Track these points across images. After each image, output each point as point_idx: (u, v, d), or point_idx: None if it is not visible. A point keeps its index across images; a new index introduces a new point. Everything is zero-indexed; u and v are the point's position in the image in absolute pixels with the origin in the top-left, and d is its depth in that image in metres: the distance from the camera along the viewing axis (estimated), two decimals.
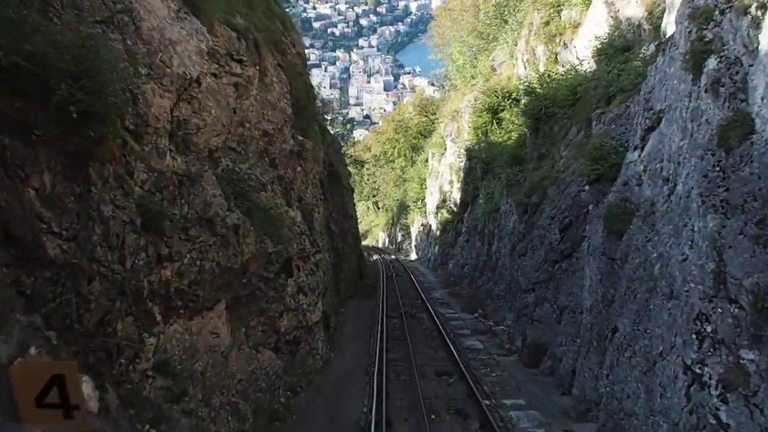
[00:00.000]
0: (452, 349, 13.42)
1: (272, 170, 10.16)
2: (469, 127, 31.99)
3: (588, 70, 18.62)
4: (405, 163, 57.85)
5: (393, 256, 46.05)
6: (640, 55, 15.48)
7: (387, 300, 21.90)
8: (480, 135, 30.51)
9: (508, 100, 29.61)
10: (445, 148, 37.37)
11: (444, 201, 37.14)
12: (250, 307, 9.05)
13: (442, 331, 15.54)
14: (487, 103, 30.27)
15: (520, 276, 16.57)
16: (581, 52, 19.72)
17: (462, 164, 33.39)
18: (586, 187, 13.58)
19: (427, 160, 46.09)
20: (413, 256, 47.58)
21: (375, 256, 45.01)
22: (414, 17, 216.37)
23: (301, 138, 11.38)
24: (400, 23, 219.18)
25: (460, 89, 37.02)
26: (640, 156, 10.76)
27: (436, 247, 36.80)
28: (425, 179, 44.01)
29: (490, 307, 20.09)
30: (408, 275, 31.24)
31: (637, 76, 13.75)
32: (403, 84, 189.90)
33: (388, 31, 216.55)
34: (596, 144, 12.90)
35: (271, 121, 10.13)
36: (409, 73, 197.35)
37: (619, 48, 16.87)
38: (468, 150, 31.87)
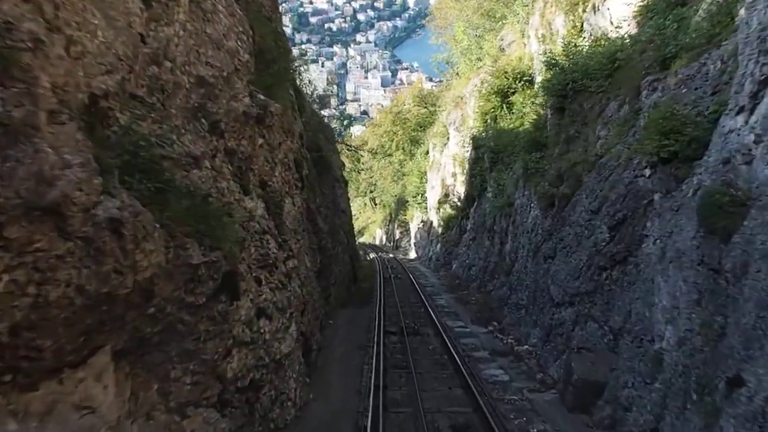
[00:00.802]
0: (470, 384, 10.04)
1: (213, 139, 6.74)
2: (476, 113, 28.57)
3: (628, 33, 15.23)
4: (403, 157, 54.40)
5: (391, 255, 42.69)
6: (703, 7, 12.09)
7: (385, 308, 18.52)
8: (488, 121, 27.11)
9: (519, 81, 26.23)
10: (448, 138, 33.97)
11: (447, 195, 33.76)
12: (168, 351, 5.66)
13: (454, 355, 12.16)
14: (496, 86, 26.86)
15: (550, 285, 13.20)
16: (617, 13, 16.31)
17: (467, 154, 29.99)
18: (647, 171, 10.19)
19: (427, 152, 42.68)
20: (412, 254, 44.21)
21: (372, 255, 41.65)
22: (412, 12, 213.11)
23: (263, 98, 7.97)
24: (397, 18, 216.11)
25: (464, 74, 33.58)
26: (748, 121, 7.37)
27: (438, 246, 33.44)
28: (425, 172, 40.62)
29: (507, 319, 16.72)
30: (408, 277, 27.85)
31: (713, 25, 10.38)
32: (401, 80, 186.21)
33: (385, 26, 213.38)
34: (663, 113, 9.49)
35: (213, 66, 6.71)
36: (406, 68, 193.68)
37: (673, 2, 13.47)
38: (474, 138, 28.47)
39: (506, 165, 25.07)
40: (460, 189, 31.62)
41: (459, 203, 31.11)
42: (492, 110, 26.76)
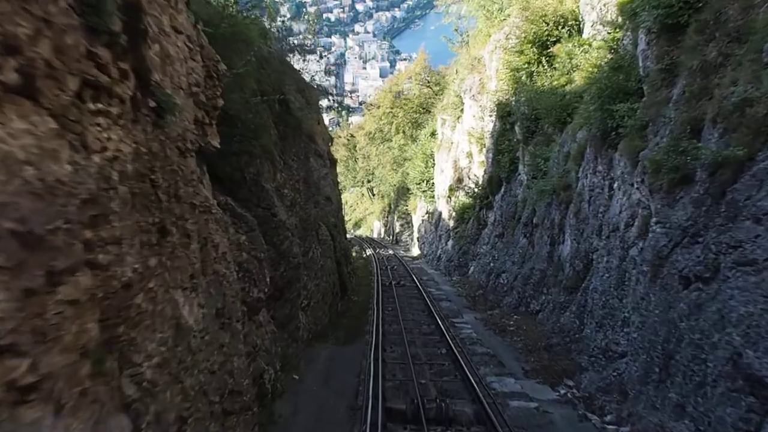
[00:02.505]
0: None
1: None
2: (501, 73, 21.46)
3: None
4: (404, 141, 47.13)
5: (390, 251, 35.66)
6: None
7: (384, 346, 11.55)
8: (520, 81, 20.03)
9: (563, 27, 19.17)
10: (462, 110, 26.84)
11: (460, 180, 26.69)
12: None
13: None
14: (531, 34, 19.77)
15: (724, 338, 6.15)
16: None
17: (488, 127, 22.91)
18: None
19: (433, 133, 35.52)
20: (415, 250, 37.17)
21: (368, 251, 34.63)
22: (411, 2, 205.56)
23: None
24: (396, 9, 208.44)
25: (482, 31, 26.34)
26: None
27: (450, 243, 26.39)
28: (432, 155, 33.50)
29: (591, 376, 9.65)
30: (413, 284, 20.85)
31: None
32: (400, 70, 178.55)
33: (384, 16, 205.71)
34: None
35: None
36: (405, 59, 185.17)
37: None
38: (499, 105, 21.37)
39: (548, 136, 18.06)
40: (478, 171, 24.56)
41: (477, 189, 24.06)
42: (525, 66, 19.68)
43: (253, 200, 9.85)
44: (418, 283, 20.59)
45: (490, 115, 22.23)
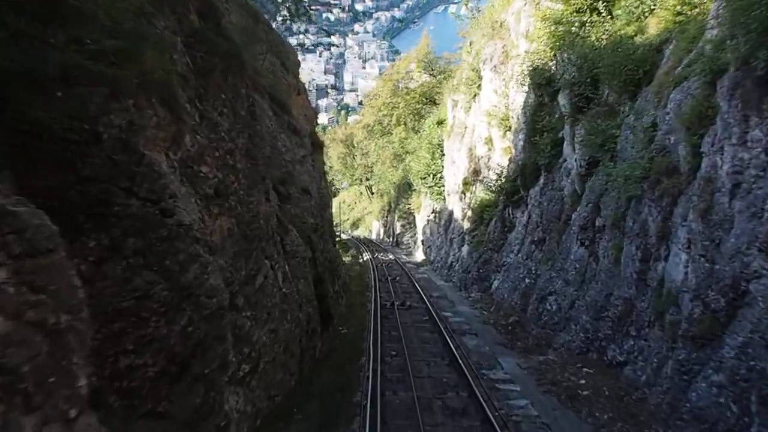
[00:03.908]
0: None
1: None
2: (538, 29, 16.13)
3: None
4: (406, 135, 41.73)
5: (391, 256, 30.29)
6: None
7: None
8: (566, 36, 14.73)
9: None
10: (479, 86, 21.47)
11: (477, 172, 21.35)
12: None
13: None
14: None
15: None
16: None
17: (518, 103, 17.56)
18: None
19: (440, 122, 30.13)
20: (419, 255, 31.82)
21: (366, 256, 29.30)
22: (410, 2, 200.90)
23: None
24: (396, 9, 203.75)
25: None
26: None
27: (465, 249, 21.02)
28: (440, 144, 28.12)
29: None
30: (423, 305, 15.54)
31: None
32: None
33: (383, 16, 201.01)
34: None
35: None
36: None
37: None
38: (535, 72, 16.01)
39: (610, 106, 12.82)
40: (502, 160, 19.22)
41: (500, 182, 18.69)
42: (574, 14, 14.37)
43: (118, 183, 4.55)
44: (428, 304, 15.27)
45: (520, 88, 16.86)
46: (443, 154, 26.81)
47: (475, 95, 21.89)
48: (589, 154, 12.57)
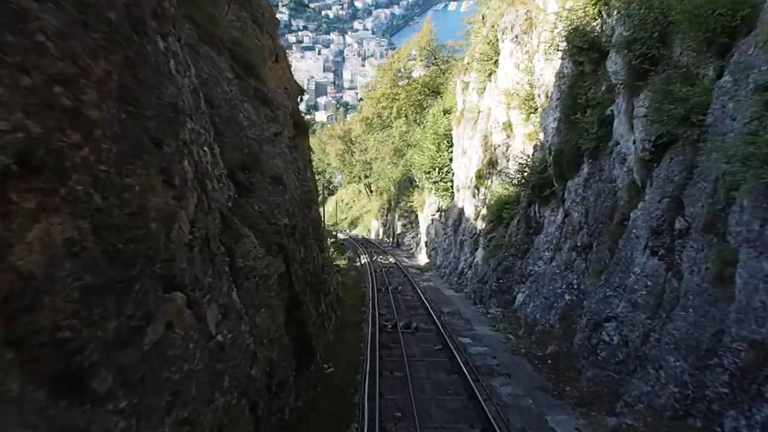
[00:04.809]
0: None
1: None
2: None
3: None
4: (407, 128, 38.34)
5: (391, 259, 26.91)
6: None
7: None
8: None
9: None
10: (496, 63, 18.09)
11: (493, 164, 17.99)
12: None
13: None
14: None
15: None
16: None
17: (547, 77, 14.19)
18: None
19: (446, 111, 26.74)
20: (422, 258, 28.45)
21: (363, 259, 25.94)
22: (410, 0, 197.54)
23: None
24: (395, 6, 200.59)
25: None
26: None
27: (479, 254, 17.62)
28: (447, 135, 24.73)
29: None
30: (434, 326, 12.20)
31: None
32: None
33: (383, 13, 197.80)
34: None
35: None
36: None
37: None
38: (573, 35, 12.63)
39: (687, 68, 9.51)
40: (525, 147, 15.87)
41: (525, 174, 15.31)
42: None
43: None
44: (439, 325, 11.95)
45: (557, 51, 13.45)
46: (450, 146, 23.44)
47: (490, 73, 18.50)
48: (658, 132, 9.24)
